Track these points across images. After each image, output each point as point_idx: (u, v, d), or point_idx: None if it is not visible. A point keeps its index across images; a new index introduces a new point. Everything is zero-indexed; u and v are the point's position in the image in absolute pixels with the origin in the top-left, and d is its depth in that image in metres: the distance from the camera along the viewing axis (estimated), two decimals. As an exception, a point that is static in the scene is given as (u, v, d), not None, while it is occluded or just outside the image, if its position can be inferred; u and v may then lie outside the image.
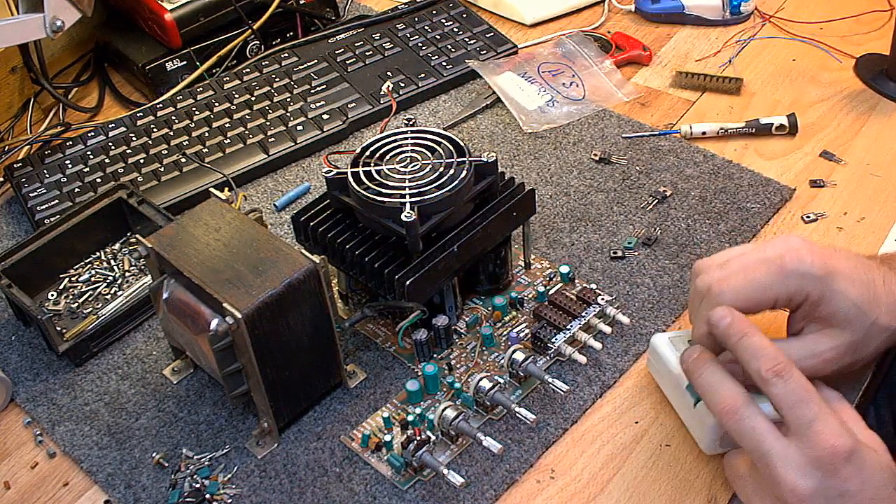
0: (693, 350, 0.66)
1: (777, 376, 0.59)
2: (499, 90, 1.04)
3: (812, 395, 0.59)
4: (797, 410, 0.58)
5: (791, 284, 0.65)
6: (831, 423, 0.58)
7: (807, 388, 0.59)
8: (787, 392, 0.59)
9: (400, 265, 0.74)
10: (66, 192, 0.96)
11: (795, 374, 0.59)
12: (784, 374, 0.59)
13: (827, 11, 1.12)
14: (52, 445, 0.77)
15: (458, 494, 0.70)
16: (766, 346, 0.60)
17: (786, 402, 0.59)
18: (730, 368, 0.63)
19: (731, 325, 0.62)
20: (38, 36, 0.91)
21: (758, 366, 0.60)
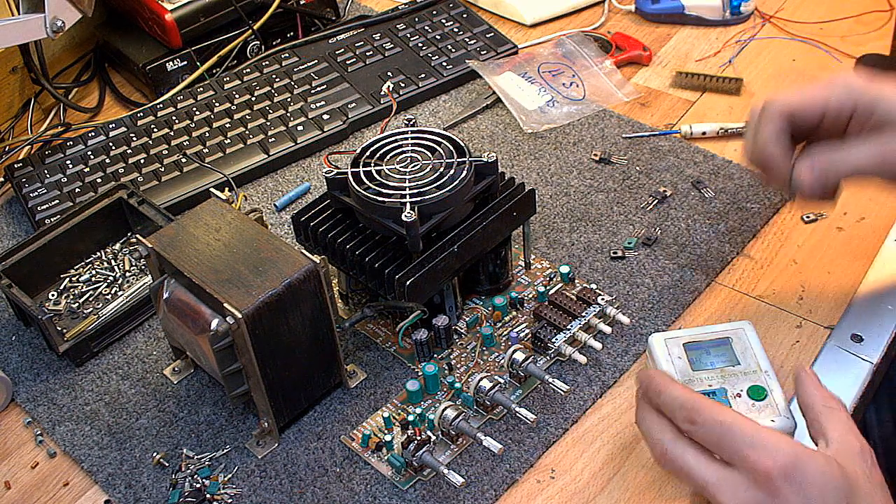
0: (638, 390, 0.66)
1: (691, 424, 0.60)
2: (499, 90, 1.04)
3: (729, 426, 0.59)
4: (722, 446, 0.59)
5: (839, 93, 0.68)
6: (760, 444, 0.57)
7: (722, 420, 0.59)
8: (706, 433, 0.59)
9: (400, 265, 0.74)
10: (66, 192, 0.96)
11: (707, 412, 0.60)
12: (696, 419, 0.60)
13: (827, 11, 1.12)
14: (52, 445, 0.77)
15: (458, 494, 0.70)
16: (677, 396, 0.61)
17: (710, 442, 0.59)
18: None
19: (650, 386, 0.64)
20: (39, 36, 0.91)
21: (675, 420, 0.61)
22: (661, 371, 0.67)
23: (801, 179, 0.68)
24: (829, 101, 0.68)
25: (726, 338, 0.72)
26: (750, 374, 0.70)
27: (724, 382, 0.69)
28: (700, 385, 0.69)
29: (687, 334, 0.72)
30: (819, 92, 0.69)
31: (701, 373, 0.70)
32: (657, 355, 0.72)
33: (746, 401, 0.68)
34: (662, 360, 0.71)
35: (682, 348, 0.71)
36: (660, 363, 0.71)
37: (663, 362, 0.71)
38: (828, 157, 0.68)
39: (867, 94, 0.68)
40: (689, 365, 0.71)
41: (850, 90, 0.68)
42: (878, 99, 0.67)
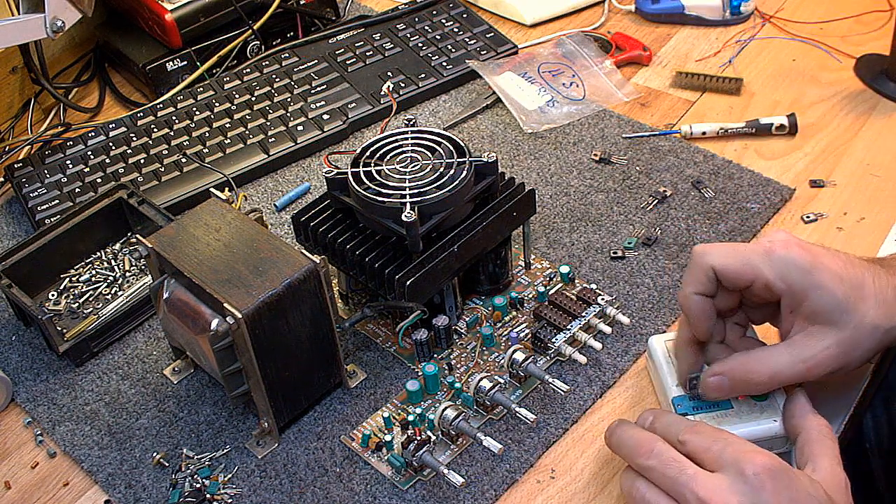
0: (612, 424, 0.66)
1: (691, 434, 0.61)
2: (499, 90, 1.04)
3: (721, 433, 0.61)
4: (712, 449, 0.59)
5: (775, 268, 0.64)
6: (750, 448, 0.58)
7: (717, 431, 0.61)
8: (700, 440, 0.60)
9: (400, 265, 0.74)
10: (66, 192, 0.96)
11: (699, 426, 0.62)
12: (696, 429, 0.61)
13: (827, 11, 1.12)
14: (52, 445, 0.77)
15: (458, 494, 0.70)
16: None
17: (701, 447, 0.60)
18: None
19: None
20: (39, 36, 0.91)
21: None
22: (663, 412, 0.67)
23: (708, 390, 0.67)
24: (761, 275, 0.64)
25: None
26: None
27: None
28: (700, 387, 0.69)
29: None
30: (753, 259, 0.65)
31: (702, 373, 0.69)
32: (658, 357, 0.72)
33: (748, 401, 0.68)
34: (663, 363, 0.71)
35: None
36: (660, 365, 0.71)
37: (664, 364, 0.71)
38: (742, 370, 0.66)
39: (803, 277, 0.63)
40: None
41: (787, 268, 0.64)
42: (813, 288, 0.63)
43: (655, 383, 0.74)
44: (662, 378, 0.71)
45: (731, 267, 0.65)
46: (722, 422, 0.67)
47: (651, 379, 0.76)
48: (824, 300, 0.63)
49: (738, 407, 0.68)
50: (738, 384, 0.66)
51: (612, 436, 0.66)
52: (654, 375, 0.74)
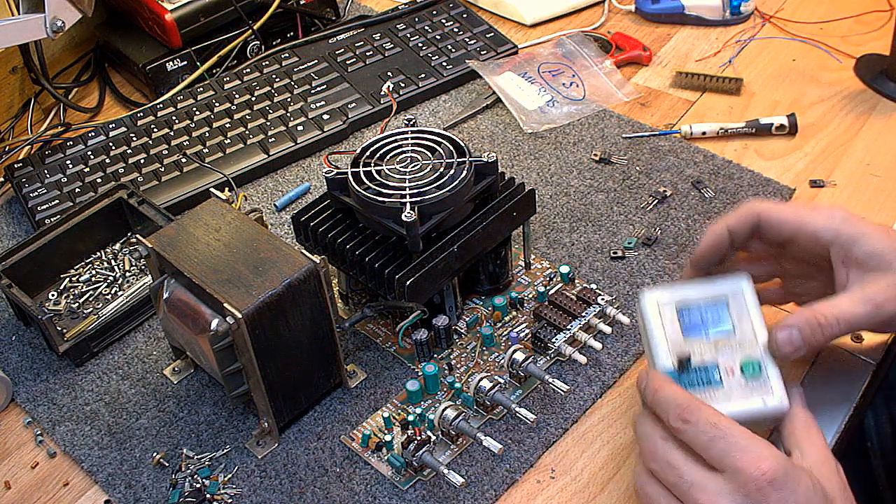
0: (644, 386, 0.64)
1: (684, 422, 0.59)
2: (499, 90, 1.04)
3: (722, 428, 0.58)
4: (712, 447, 0.58)
5: (821, 217, 0.66)
6: (751, 450, 0.57)
7: (715, 422, 0.58)
8: (697, 432, 0.58)
9: (400, 265, 0.74)
10: (66, 193, 0.96)
11: (701, 413, 0.59)
12: (689, 417, 0.59)
13: (827, 11, 1.12)
14: (52, 445, 0.77)
15: (458, 494, 0.70)
16: (672, 396, 0.61)
17: (700, 443, 0.58)
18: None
19: (647, 385, 0.63)
20: (39, 36, 0.91)
21: (667, 418, 0.60)
22: (660, 372, 0.64)
23: (781, 346, 0.63)
24: (808, 221, 0.66)
25: (723, 298, 0.67)
26: (745, 346, 0.65)
27: (717, 355, 0.65)
28: (692, 359, 0.65)
29: (681, 293, 0.67)
30: (800, 209, 0.67)
31: (693, 343, 0.65)
32: (649, 320, 0.67)
33: (739, 378, 0.64)
34: (654, 327, 0.66)
35: (675, 312, 0.67)
36: (651, 330, 0.66)
37: (655, 329, 0.66)
38: (811, 319, 0.63)
39: (850, 228, 0.65)
40: (682, 333, 0.66)
41: (832, 218, 0.66)
42: (861, 234, 0.65)
43: (645, 349, 0.69)
44: (653, 346, 0.66)
45: (778, 213, 0.67)
46: (711, 400, 0.63)
47: (643, 342, 0.70)
48: (874, 243, 0.64)
49: (729, 384, 0.64)
50: (810, 334, 0.63)
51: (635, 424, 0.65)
52: (645, 339, 0.68)
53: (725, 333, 0.66)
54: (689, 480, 0.58)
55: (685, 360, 0.65)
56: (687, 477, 0.58)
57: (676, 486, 0.59)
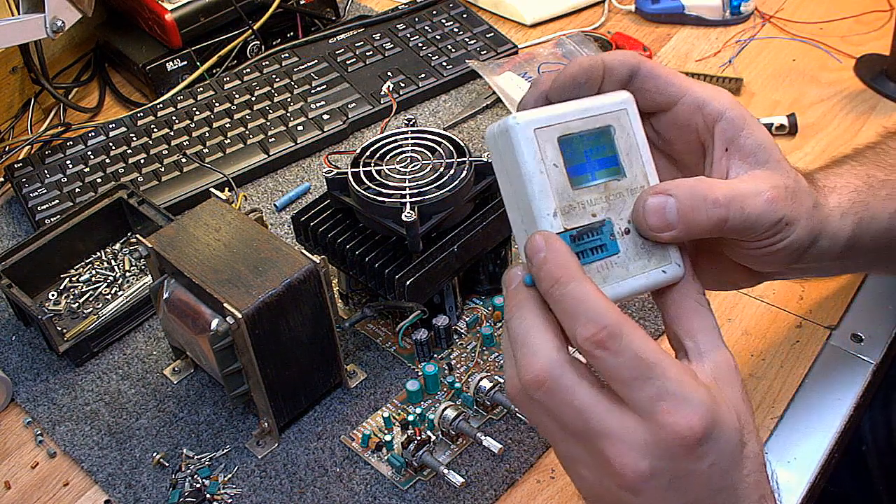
0: (513, 275, 0.49)
1: (599, 348, 0.45)
2: (499, 90, 1.04)
3: (653, 366, 0.45)
4: (637, 389, 0.45)
5: (709, 89, 0.53)
6: (685, 399, 0.45)
7: (643, 358, 0.45)
8: (615, 367, 0.45)
9: (400, 265, 0.74)
10: (66, 192, 0.96)
11: (627, 339, 0.45)
12: (608, 345, 0.45)
13: (827, 11, 1.12)
14: (52, 445, 0.77)
15: (458, 494, 0.70)
16: (587, 300, 0.46)
17: (618, 378, 0.46)
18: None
19: (545, 263, 0.47)
20: (39, 36, 0.91)
21: (574, 330, 0.46)
22: (564, 248, 0.47)
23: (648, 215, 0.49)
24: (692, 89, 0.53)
25: (607, 126, 0.51)
26: (636, 192, 0.50)
27: (609, 209, 0.50)
28: (582, 215, 0.49)
29: (558, 118, 0.49)
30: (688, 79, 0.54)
31: (582, 192, 0.49)
32: (526, 159, 0.48)
33: (635, 239, 0.50)
34: (533, 169, 0.48)
35: (557, 147, 0.49)
36: (529, 174, 0.48)
37: (534, 173, 0.48)
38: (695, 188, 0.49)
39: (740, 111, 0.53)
40: (568, 177, 0.49)
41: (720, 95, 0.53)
42: (751, 120, 0.53)
43: (510, 198, 0.50)
44: (532, 197, 0.48)
45: (663, 70, 0.53)
46: (609, 275, 0.49)
47: (505, 188, 0.51)
48: (760, 133, 0.52)
49: (625, 250, 0.50)
50: (690, 209, 0.49)
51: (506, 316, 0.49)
52: (513, 186, 0.50)
53: (615, 177, 0.50)
54: (597, 429, 0.46)
55: (587, 227, 0.49)
56: (595, 424, 0.46)
57: (578, 430, 0.47)
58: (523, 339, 0.48)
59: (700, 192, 0.49)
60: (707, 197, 0.49)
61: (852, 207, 0.57)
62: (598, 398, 0.46)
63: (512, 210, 0.50)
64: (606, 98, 0.51)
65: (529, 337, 0.47)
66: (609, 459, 0.46)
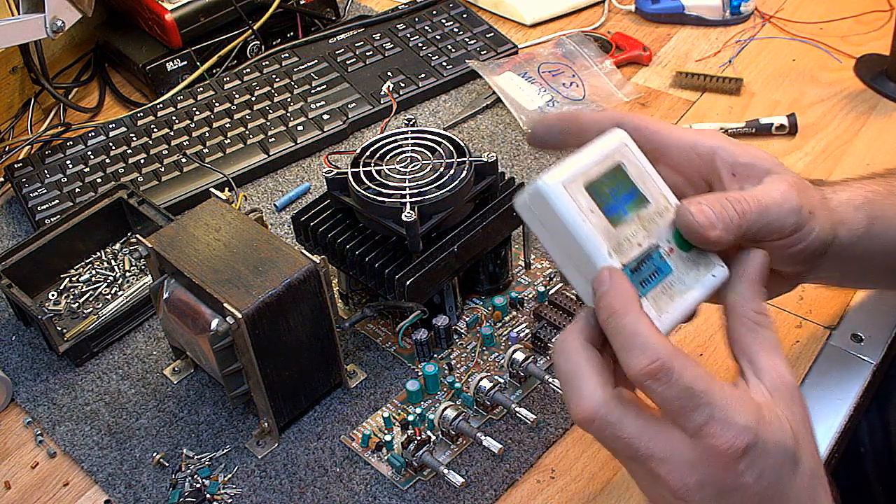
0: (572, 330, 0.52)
1: (652, 380, 0.48)
2: (499, 90, 1.04)
3: (700, 398, 0.48)
4: (685, 417, 0.49)
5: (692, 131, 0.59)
6: (728, 423, 0.48)
7: (692, 388, 0.48)
8: (665, 398, 0.48)
9: (400, 265, 0.74)
10: (66, 193, 0.96)
11: (678, 372, 0.48)
12: (660, 377, 0.48)
13: (827, 11, 1.12)
14: (52, 445, 0.77)
15: (458, 494, 0.70)
16: (642, 333, 0.49)
17: (669, 408, 0.49)
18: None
19: (605, 295, 0.50)
20: (39, 36, 0.91)
21: (628, 361, 0.49)
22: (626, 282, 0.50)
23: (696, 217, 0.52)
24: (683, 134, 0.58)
25: (617, 164, 0.54)
26: (664, 214, 0.54)
27: (649, 235, 0.53)
28: (630, 248, 0.52)
29: (578, 170, 0.52)
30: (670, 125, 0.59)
31: (622, 228, 0.52)
32: (568, 212, 0.51)
33: (680, 256, 0.53)
34: (577, 220, 0.51)
35: (587, 194, 0.52)
36: (575, 225, 0.51)
37: (579, 223, 0.51)
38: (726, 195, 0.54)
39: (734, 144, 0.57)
40: (606, 219, 0.52)
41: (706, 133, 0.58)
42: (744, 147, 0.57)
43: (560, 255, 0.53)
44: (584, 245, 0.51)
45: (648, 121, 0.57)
46: (673, 293, 0.52)
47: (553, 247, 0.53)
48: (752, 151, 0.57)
49: (676, 267, 0.53)
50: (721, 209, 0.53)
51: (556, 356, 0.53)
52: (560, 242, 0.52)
53: (641, 205, 0.54)
54: (645, 454, 0.50)
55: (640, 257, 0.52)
56: (643, 450, 0.49)
57: (629, 456, 0.51)
58: (568, 380, 0.51)
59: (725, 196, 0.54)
60: (731, 197, 0.53)
61: (864, 203, 0.62)
62: (644, 426, 0.50)
63: (566, 266, 0.53)
64: (606, 140, 0.54)
65: (575, 379, 0.51)
66: (660, 476, 0.50)
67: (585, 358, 0.51)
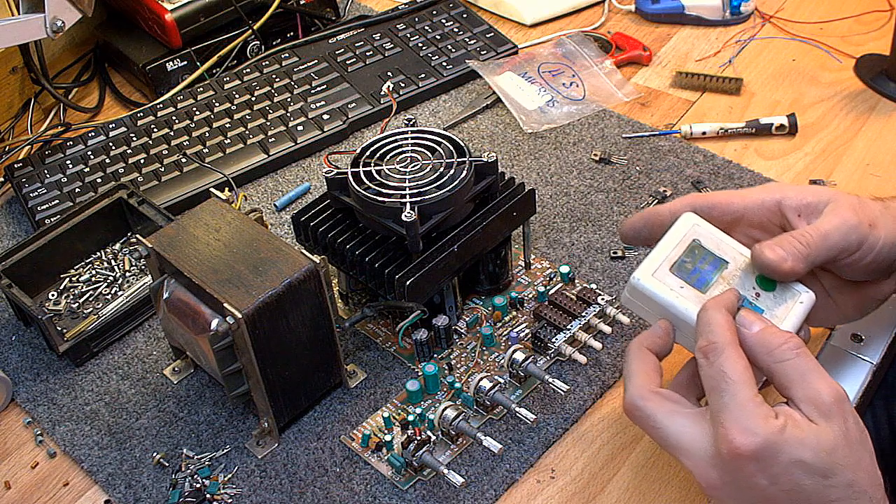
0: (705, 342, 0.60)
1: (703, 357, 0.58)
2: (499, 90, 1.04)
3: (728, 383, 0.56)
4: (712, 398, 0.57)
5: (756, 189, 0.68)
6: (739, 418, 0.55)
7: (726, 373, 0.56)
8: (706, 375, 0.57)
9: (400, 265, 0.74)
10: (66, 192, 0.96)
11: (723, 356, 0.57)
12: (710, 355, 0.57)
13: (827, 11, 1.12)
14: (52, 445, 0.77)
15: (458, 494, 0.70)
16: (710, 321, 0.59)
17: (707, 386, 0.58)
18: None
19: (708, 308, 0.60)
20: (39, 36, 0.91)
21: (697, 342, 0.59)
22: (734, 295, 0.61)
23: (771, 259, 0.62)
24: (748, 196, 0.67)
25: (694, 241, 0.65)
26: (743, 268, 0.64)
27: (738, 290, 0.63)
28: None
29: (661, 259, 0.64)
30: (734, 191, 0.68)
31: (712, 291, 0.63)
32: (663, 297, 0.63)
33: (767, 297, 0.63)
34: (673, 300, 0.63)
35: (673, 276, 0.64)
36: (671, 304, 0.63)
37: (675, 301, 0.63)
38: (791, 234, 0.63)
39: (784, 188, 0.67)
40: (695, 290, 0.63)
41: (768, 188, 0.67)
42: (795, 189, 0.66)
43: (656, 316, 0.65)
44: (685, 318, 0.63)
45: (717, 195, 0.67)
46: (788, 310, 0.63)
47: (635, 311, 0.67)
48: (810, 189, 0.66)
49: (767, 307, 0.63)
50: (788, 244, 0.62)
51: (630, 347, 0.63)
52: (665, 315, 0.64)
53: (722, 267, 0.64)
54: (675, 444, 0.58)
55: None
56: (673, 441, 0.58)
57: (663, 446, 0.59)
58: (625, 375, 0.62)
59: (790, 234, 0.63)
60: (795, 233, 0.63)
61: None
62: (674, 420, 0.58)
63: (680, 339, 0.64)
64: (679, 226, 0.65)
65: (627, 375, 0.61)
66: (689, 469, 0.58)
67: (640, 359, 0.62)
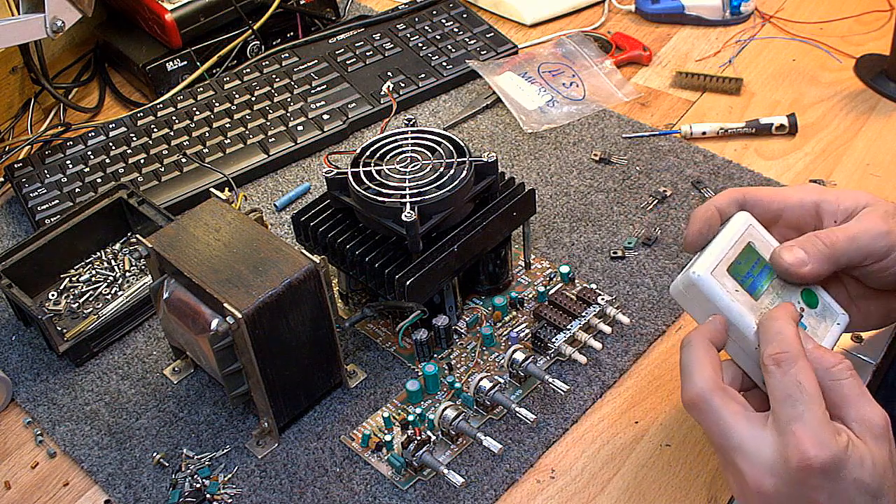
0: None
1: (775, 365, 0.57)
2: (499, 90, 1.04)
3: (803, 394, 0.55)
4: (784, 406, 0.56)
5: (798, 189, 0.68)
6: (814, 430, 0.54)
7: (802, 384, 0.56)
8: (779, 384, 0.56)
9: (400, 265, 0.74)
10: (66, 192, 0.96)
11: (797, 367, 0.56)
12: (783, 364, 0.57)
13: (827, 11, 1.12)
14: (52, 445, 0.77)
15: (458, 494, 0.70)
16: (781, 330, 0.58)
17: (776, 394, 0.56)
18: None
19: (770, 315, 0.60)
20: (39, 36, 0.91)
21: (764, 349, 0.58)
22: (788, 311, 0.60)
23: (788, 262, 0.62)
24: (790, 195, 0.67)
25: (748, 244, 0.64)
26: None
27: (783, 300, 0.63)
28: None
29: (719, 257, 0.63)
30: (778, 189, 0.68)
31: (762, 300, 0.63)
32: (721, 297, 0.61)
33: (810, 314, 0.63)
34: (729, 302, 0.61)
35: (731, 277, 0.62)
36: (728, 305, 0.61)
37: (731, 304, 0.61)
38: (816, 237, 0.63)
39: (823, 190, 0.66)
40: (749, 295, 0.62)
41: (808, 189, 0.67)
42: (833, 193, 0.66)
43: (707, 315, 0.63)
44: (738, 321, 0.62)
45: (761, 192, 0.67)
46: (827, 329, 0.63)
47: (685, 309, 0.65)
48: (848, 193, 0.66)
49: (809, 325, 0.63)
50: (811, 246, 0.62)
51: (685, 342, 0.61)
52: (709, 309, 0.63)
53: (773, 275, 0.64)
54: (734, 444, 0.57)
55: None
56: (734, 439, 0.57)
57: (721, 445, 0.58)
58: (685, 367, 0.60)
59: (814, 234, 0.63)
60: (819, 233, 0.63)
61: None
62: (738, 420, 0.57)
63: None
64: (734, 224, 0.64)
65: (690, 366, 0.60)
66: (744, 473, 0.56)
67: (704, 351, 0.60)
